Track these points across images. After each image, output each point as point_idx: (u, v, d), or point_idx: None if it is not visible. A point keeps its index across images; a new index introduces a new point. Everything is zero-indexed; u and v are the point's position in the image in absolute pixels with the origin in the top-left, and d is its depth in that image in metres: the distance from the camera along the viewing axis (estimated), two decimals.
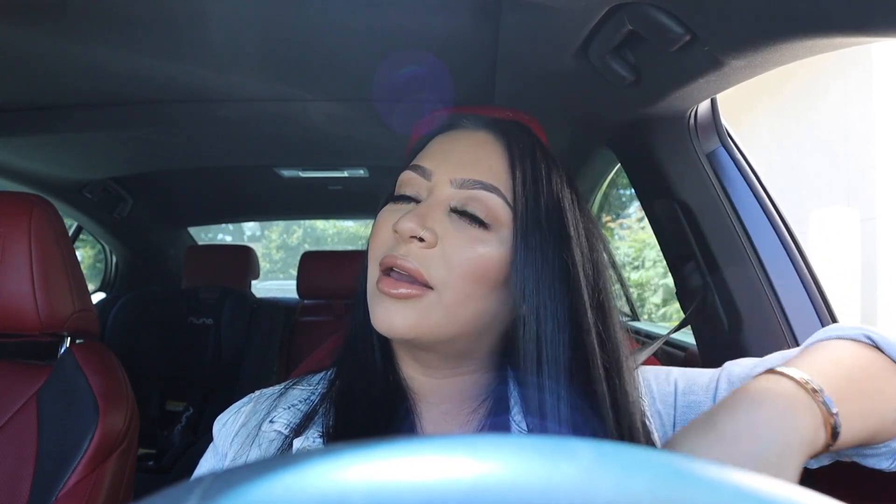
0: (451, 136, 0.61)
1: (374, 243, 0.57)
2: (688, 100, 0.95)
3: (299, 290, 2.58)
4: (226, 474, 0.18)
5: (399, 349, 0.60)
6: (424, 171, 0.57)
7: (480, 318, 0.55)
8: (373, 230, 0.59)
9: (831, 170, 4.24)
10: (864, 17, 0.57)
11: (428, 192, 0.57)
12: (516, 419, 0.57)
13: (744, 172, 1.02)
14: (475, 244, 0.53)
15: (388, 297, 0.53)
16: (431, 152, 0.60)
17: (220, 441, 0.62)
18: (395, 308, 0.52)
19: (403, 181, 0.59)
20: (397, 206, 0.58)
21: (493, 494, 0.16)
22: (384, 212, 0.59)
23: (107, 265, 2.96)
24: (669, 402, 0.59)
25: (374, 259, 0.56)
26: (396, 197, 0.59)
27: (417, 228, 0.52)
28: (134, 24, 1.03)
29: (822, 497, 0.17)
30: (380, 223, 0.58)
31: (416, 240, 0.53)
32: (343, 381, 0.61)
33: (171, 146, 1.96)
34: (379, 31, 1.06)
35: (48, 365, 1.06)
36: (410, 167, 0.59)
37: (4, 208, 1.02)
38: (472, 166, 0.56)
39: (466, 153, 0.57)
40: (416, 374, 0.60)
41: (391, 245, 0.55)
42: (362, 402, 0.58)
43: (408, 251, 0.53)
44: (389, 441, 0.19)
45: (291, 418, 0.60)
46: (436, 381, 0.59)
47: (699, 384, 0.60)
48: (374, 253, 0.57)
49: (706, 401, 0.59)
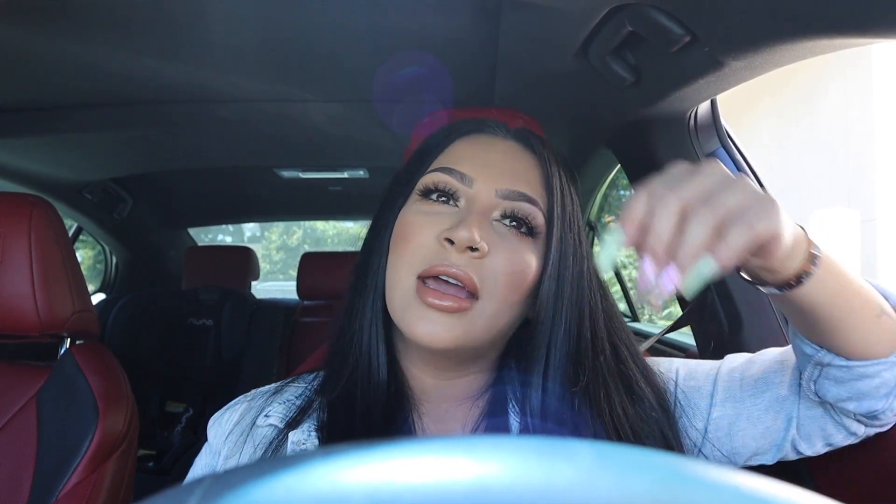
0: (481, 141, 0.60)
1: (408, 247, 0.55)
2: (688, 100, 0.95)
3: (299, 291, 2.57)
4: (226, 475, 0.18)
5: (412, 352, 0.59)
6: (464, 176, 0.56)
7: (510, 325, 0.57)
8: (401, 231, 0.56)
9: (831, 170, 4.25)
10: (864, 18, 0.57)
11: (469, 199, 0.56)
12: (516, 420, 0.57)
13: (744, 173, 1.02)
14: (521, 254, 0.55)
15: (433, 308, 0.52)
16: (465, 157, 0.58)
17: (215, 439, 0.62)
18: (441, 320, 0.52)
19: (436, 182, 0.57)
20: (428, 206, 0.57)
21: (492, 495, 0.16)
22: (414, 213, 0.57)
23: (107, 266, 2.96)
24: (671, 388, 0.62)
25: (409, 265, 0.54)
26: (424, 194, 0.57)
27: (477, 239, 0.52)
28: (134, 24, 1.03)
29: (822, 497, 0.17)
30: (414, 225, 0.56)
31: (469, 249, 0.53)
32: (337, 380, 0.60)
33: (171, 147, 1.96)
34: (379, 31, 1.06)
35: (48, 366, 1.06)
36: (444, 170, 0.57)
37: (4, 209, 1.02)
38: (514, 177, 0.57)
39: (505, 163, 0.58)
40: (424, 375, 0.59)
41: (434, 252, 0.53)
42: (362, 403, 0.57)
43: (462, 261, 0.52)
44: (389, 442, 0.19)
45: (286, 412, 0.60)
46: (442, 382, 0.59)
47: (700, 371, 0.63)
48: (410, 258, 0.54)
49: (706, 385, 0.61)
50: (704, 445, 0.60)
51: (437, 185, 0.57)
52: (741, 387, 0.60)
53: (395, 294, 0.55)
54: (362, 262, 0.62)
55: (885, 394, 0.53)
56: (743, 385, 0.60)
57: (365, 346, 0.59)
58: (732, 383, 0.61)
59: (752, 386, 0.60)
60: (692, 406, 0.61)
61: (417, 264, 0.54)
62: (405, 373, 0.60)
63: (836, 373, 0.53)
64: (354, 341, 0.60)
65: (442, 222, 0.55)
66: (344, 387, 0.58)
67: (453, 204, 0.57)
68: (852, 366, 0.52)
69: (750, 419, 0.59)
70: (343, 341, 0.61)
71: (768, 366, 0.61)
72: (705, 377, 0.62)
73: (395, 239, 0.57)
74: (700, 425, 0.60)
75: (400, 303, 0.54)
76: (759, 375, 0.60)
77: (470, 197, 0.56)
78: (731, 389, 0.60)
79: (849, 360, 0.52)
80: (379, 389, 0.57)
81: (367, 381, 0.58)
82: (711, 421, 0.59)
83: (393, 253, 0.57)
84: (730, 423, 0.59)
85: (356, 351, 0.59)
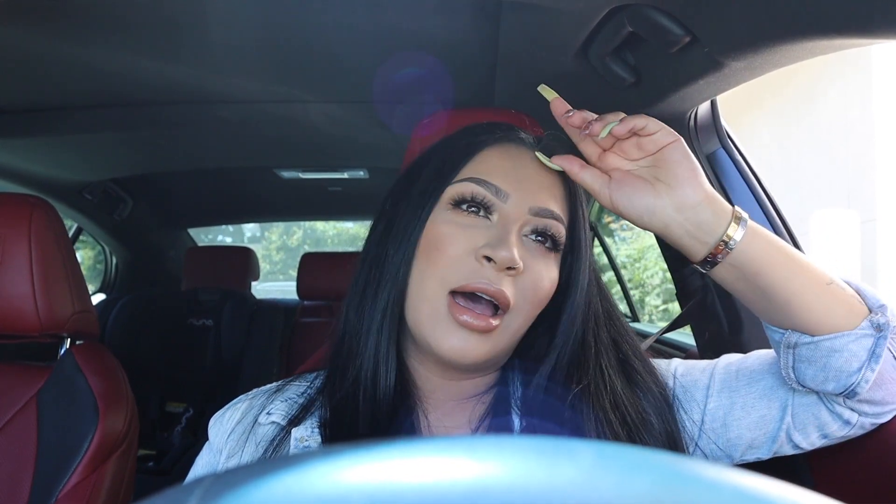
0: (511, 152, 0.60)
1: (442, 259, 0.54)
2: (688, 101, 0.95)
3: (299, 291, 2.57)
4: (226, 475, 0.18)
5: (423, 354, 0.59)
6: (499, 191, 0.56)
7: (524, 333, 0.58)
8: (433, 240, 0.56)
9: (831, 171, 4.25)
10: (864, 19, 0.57)
11: (503, 214, 0.56)
12: (518, 419, 0.57)
13: (744, 173, 1.02)
14: (548, 270, 0.57)
15: (465, 327, 0.52)
16: (498, 169, 0.58)
17: (216, 438, 0.62)
18: (471, 339, 0.53)
19: (472, 194, 0.56)
20: (462, 218, 0.56)
21: (493, 496, 0.16)
22: (447, 223, 0.56)
23: (107, 266, 2.96)
24: (669, 384, 0.63)
25: (441, 279, 0.54)
26: (457, 204, 0.57)
27: (517, 260, 0.53)
28: (134, 25, 1.03)
29: (822, 497, 0.17)
30: (449, 237, 0.55)
31: (507, 268, 0.53)
32: (342, 380, 0.59)
33: (171, 147, 1.96)
34: (379, 32, 1.06)
35: (48, 366, 1.06)
36: (479, 181, 0.57)
37: (5, 210, 1.02)
38: (546, 195, 0.58)
39: (537, 179, 0.59)
40: (432, 374, 0.59)
41: (470, 268, 0.53)
42: (367, 405, 0.56)
43: (498, 279, 0.53)
44: (389, 442, 0.19)
45: (289, 409, 0.60)
46: (450, 382, 0.60)
47: (697, 367, 0.65)
48: (444, 272, 0.54)
49: (703, 378, 0.62)
50: (701, 438, 0.61)
51: (474, 198, 0.56)
52: (737, 377, 0.61)
53: (423, 306, 0.55)
54: (376, 262, 0.60)
55: (857, 367, 0.53)
56: (738, 375, 0.61)
57: (373, 349, 0.58)
58: (728, 375, 0.62)
59: (748, 376, 0.61)
60: (689, 399, 0.62)
61: (451, 279, 0.54)
62: (412, 372, 0.60)
63: (805, 352, 0.55)
64: (362, 342, 0.59)
65: (476, 236, 0.55)
66: (349, 388, 0.58)
67: (485, 216, 0.57)
68: (818, 340, 0.54)
69: (745, 408, 0.59)
70: (349, 341, 0.60)
71: (764, 358, 0.63)
72: (702, 372, 0.63)
73: (426, 247, 0.56)
74: (697, 417, 0.61)
75: (429, 316, 0.54)
76: (754, 367, 0.62)
77: (504, 212, 0.56)
78: (727, 380, 0.61)
79: (813, 336, 0.54)
80: (386, 393, 0.57)
81: (374, 385, 0.57)
82: (707, 412, 0.60)
83: (423, 262, 0.56)
84: (725, 414, 0.60)
85: (363, 352, 0.58)
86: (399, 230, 0.59)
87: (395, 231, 0.59)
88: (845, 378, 0.54)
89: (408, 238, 0.57)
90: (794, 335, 0.55)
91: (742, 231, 0.53)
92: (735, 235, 0.53)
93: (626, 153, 0.57)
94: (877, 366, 0.53)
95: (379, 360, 0.58)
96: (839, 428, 0.58)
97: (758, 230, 0.55)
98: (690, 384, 0.63)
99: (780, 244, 0.55)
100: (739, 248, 0.53)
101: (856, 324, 0.54)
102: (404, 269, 0.57)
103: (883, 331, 0.53)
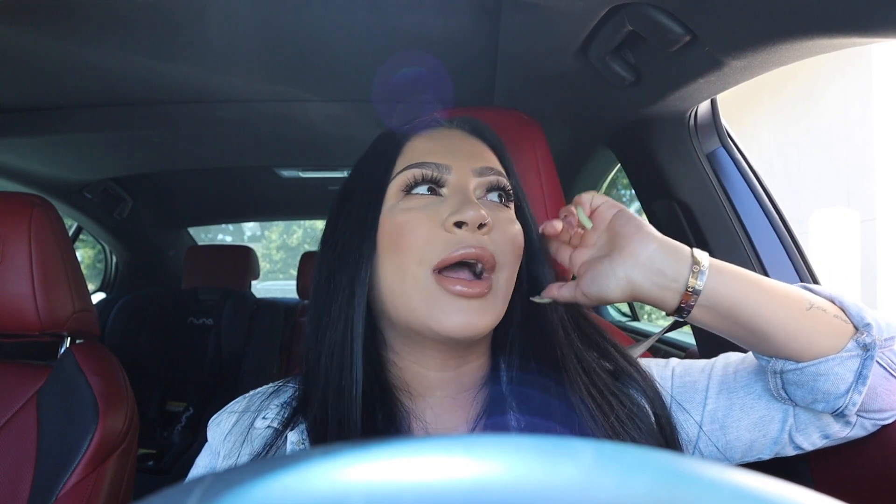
0: (434, 134, 0.62)
1: (412, 244, 0.54)
2: (688, 100, 0.95)
3: (299, 290, 2.58)
4: (226, 474, 0.18)
5: (416, 350, 0.58)
6: (439, 166, 0.58)
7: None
8: (396, 230, 0.56)
9: (831, 170, 4.25)
10: (864, 18, 0.57)
11: (452, 185, 0.58)
12: (514, 418, 0.57)
13: (744, 173, 1.02)
14: (512, 222, 0.59)
15: (464, 297, 0.53)
16: (429, 150, 0.59)
17: (214, 440, 0.62)
18: (473, 308, 0.53)
19: (413, 178, 0.57)
20: (415, 202, 0.57)
21: (493, 495, 0.16)
22: (403, 211, 0.56)
23: (107, 265, 2.96)
24: (667, 385, 0.63)
25: (418, 261, 0.54)
26: (407, 191, 0.57)
27: (485, 214, 0.54)
28: (134, 25, 1.03)
29: (822, 497, 0.17)
30: (411, 222, 0.55)
31: (478, 227, 0.54)
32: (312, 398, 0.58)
33: (171, 147, 1.96)
34: (379, 31, 1.06)
35: (48, 365, 1.06)
36: (419, 165, 0.58)
37: (5, 209, 1.02)
38: (480, 157, 0.60)
39: (467, 148, 0.61)
40: (429, 370, 0.59)
41: (444, 240, 0.54)
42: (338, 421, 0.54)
43: (476, 240, 0.54)
44: (389, 441, 0.19)
45: (284, 413, 0.60)
46: (448, 375, 0.59)
47: (696, 367, 0.64)
48: (419, 254, 0.54)
49: (701, 379, 0.62)
50: (700, 439, 0.60)
51: (423, 178, 0.58)
52: (735, 378, 0.61)
53: (411, 293, 0.54)
54: (327, 278, 0.59)
55: (844, 390, 0.53)
56: (737, 376, 0.61)
57: (338, 360, 0.56)
58: (727, 376, 0.62)
59: (746, 377, 0.61)
60: (688, 401, 0.61)
61: (429, 257, 0.54)
62: (404, 372, 0.59)
63: (792, 377, 0.55)
64: (334, 352, 0.57)
65: (437, 212, 0.55)
66: (331, 398, 0.56)
67: (435, 193, 0.58)
68: (802, 367, 0.54)
69: (744, 409, 0.59)
70: (319, 352, 0.58)
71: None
72: (700, 372, 0.63)
73: (390, 239, 0.56)
74: (696, 418, 0.60)
75: (422, 301, 0.54)
76: (753, 367, 0.61)
77: (452, 183, 0.58)
78: (726, 381, 0.61)
79: (798, 362, 0.54)
80: (353, 406, 0.55)
81: (339, 399, 0.55)
82: (706, 413, 0.60)
83: (392, 253, 0.56)
84: (724, 415, 0.60)
85: (327, 365, 0.57)
86: (352, 235, 0.58)
87: (346, 238, 0.59)
88: (833, 400, 0.54)
89: (360, 248, 0.57)
90: (779, 362, 0.55)
91: (705, 270, 0.53)
92: (698, 279, 0.52)
93: (586, 242, 0.59)
94: (864, 387, 0.53)
95: (347, 377, 0.55)
96: (841, 428, 0.58)
97: (723, 267, 0.54)
98: (689, 385, 0.62)
99: (750, 277, 0.55)
100: (708, 287, 0.53)
101: (841, 346, 0.53)
102: (365, 271, 0.56)
103: (869, 350, 0.53)
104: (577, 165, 1.67)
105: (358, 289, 0.56)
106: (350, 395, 0.54)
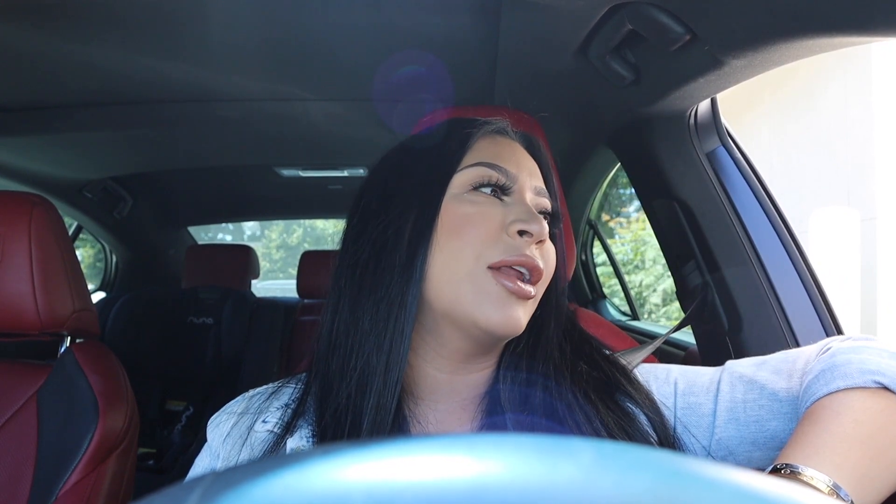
0: (503, 141, 0.63)
1: (474, 237, 0.55)
2: (688, 99, 0.95)
3: (299, 289, 2.58)
4: (226, 474, 0.18)
5: (431, 350, 0.58)
6: (508, 173, 0.59)
7: None
8: (460, 221, 0.56)
9: (831, 169, 4.24)
10: (865, 17, 0.57)
11: (516, 194, 0.59)
12: (513, 417, 0.57)
13: (744, 172, 1.02)
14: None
15: (515, 295, 0.54)
16: (500, 154, 0.60)
17: (213, 441, 0.61)
18: (519, 306, 0.55)
19: (486, 177, 0.58)
20: (482, 199, 0.58)
21: (493, 494, 0.17)
22: (470, 204, 0.57)
23: (107, 265, 2.96)
24: (669, 403, 0.60)
25: (477, 256, 0.54)
26: (475, 188, 0.58)
27: (545, 232, 0.57)
28: (134, 24, 1.03)
29: (822, 497, 0.17)
30: (476, 216, 0.56)
31: (537, 241, 0.57)
32: (338, 387, 0.56)
33: (171, 146, 1.96)
34: (379, 31, 1.06)
35: (48, 364, 1.06)
36: (491, 166, 0.59)
37: (5, 208, 1.02)
38: (537, 177, 0.63)
39: (528, 165, 0.63)
40: (440, 372, 0.59)
41: (505, 243, 0.55)
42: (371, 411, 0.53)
43: (534, 252, 0.56)
44: (389, 441, 0.19)
45: (283, 417, 0.59)
46: (459, 378, 0.59)
47: (700, 385, 0.61)
48: (480, 248, 0.55)
49: (707, 402, 0.59)
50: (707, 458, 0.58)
51: (491, 180, 0.59)
52: (745, 409, 0.57)
53: (463, 283, 0.54)
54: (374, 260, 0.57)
55: None
56: (747, 408, 0.57)
57: (385, 352, 0.54)
58: (735, 404, 0.58)
59: (758, 411, 0.57)
60: (694, 425, 0.59)
61: (487, 254, 0.55)
62: (415, 370, 0.59)
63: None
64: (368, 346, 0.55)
65: (501, 214, 0.57)
66: (352, 395, 0.55)
67: (499, 197, 0.59)
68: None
69: (755, 443, 0.57)
70: (346, 347, 0.57)
71: (772, 392, 0.58)
72: (705, 392, 0.60)
73: (452, 228, 0.56)
74: (703, 443, 0.58)
75: (475, 294, 0.54)
76: (765, 400, 0.57)
77: (516, 193, 0.59)
78: (735, 411, 0.58)
79: None
80: (393, 395, 0.53)
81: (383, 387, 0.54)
82: (714, 441, 0.58)
83: (449, 240, 0.55)
84: (736, 445, 0.57)
85: (371, 356, 0.55)
86: (403, 223, 0.57)
87: (396, 225, 0.57)
88: None
89: (420, 228, 0.56)
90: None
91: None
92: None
93: None
94: None
95: (391, 363, 0.54)
96: None
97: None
98: (694, 406, 0.59)
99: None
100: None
101: None
102: (424, 249, 0.55)
103: None
104: (577, 164, 1.67)
105: (416, 267, 0.55)
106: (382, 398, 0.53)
